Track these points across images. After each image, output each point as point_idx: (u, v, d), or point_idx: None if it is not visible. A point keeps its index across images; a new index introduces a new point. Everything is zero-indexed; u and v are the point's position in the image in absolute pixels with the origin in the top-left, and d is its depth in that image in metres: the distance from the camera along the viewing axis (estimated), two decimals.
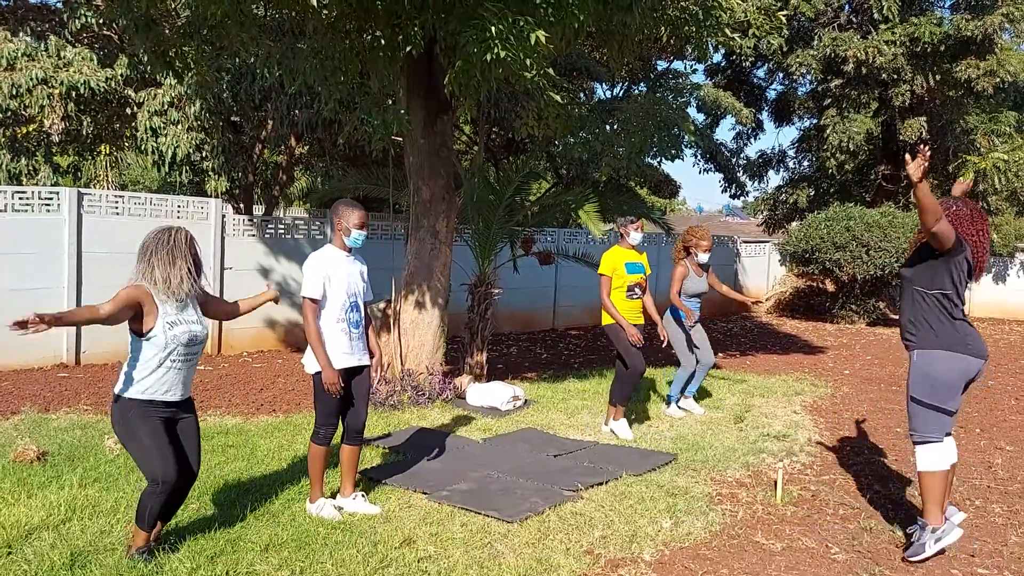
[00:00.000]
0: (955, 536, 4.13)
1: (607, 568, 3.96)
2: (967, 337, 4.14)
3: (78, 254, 8.96)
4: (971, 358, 4.12)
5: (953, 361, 4.11)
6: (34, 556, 3.77)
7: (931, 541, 4.09)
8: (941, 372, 4.12)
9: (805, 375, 9.95)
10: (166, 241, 3.76)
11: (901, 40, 16.55)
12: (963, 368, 4.12)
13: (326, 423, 4.51)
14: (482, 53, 5.45)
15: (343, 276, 4.54)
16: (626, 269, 6.52)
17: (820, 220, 16.38)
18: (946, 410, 4.13)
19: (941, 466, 4.12)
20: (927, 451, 4.15)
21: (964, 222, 4.15)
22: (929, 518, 4.13)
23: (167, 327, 3.73)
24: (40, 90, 10.37)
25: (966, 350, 4.12)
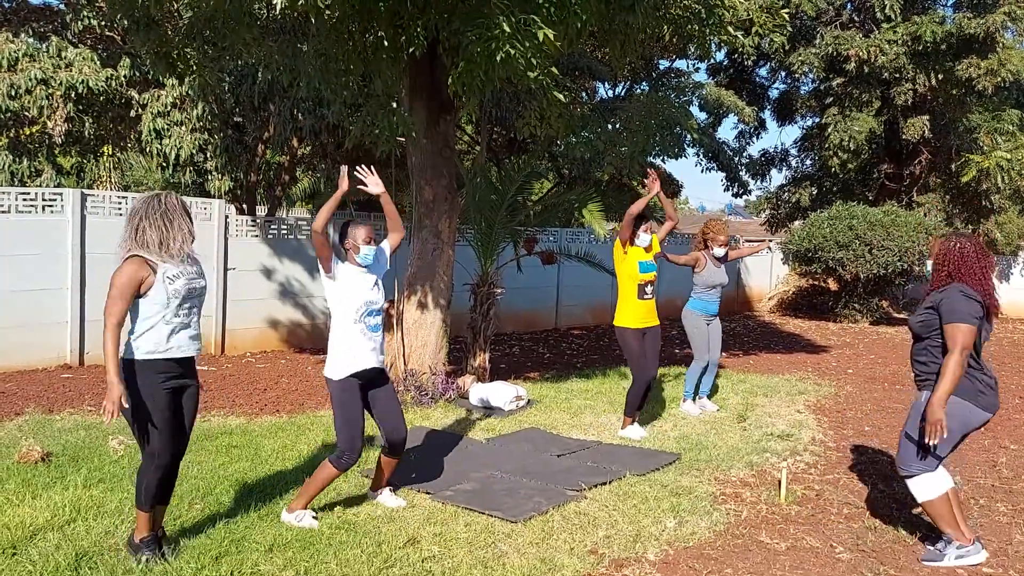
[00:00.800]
0: (980, 558, 4.08)
1: (611, 568, 3.96)
2: (981, 389, 4.05)
3: (82, 255, 8.97)
4: (978, 410, 4.03)
5: (960, 412, 4.00)
6: (39, 557, 3.78)
7: (952, 555, 4.07)
8: (953, 421, 3.96)
9: (808, 374, 9.94)
10: (158, 205, 3.71)
11: (903, 39, 16.54)
12: (968, 418, 4.03)
13: (351, 448, 4.35)
14: (487, 52, 5.44)
15: (359, 284, 4.54)
16: (639, 268, 6.49)
17: (823, 219, 16.36)
18: (938, 455, 4.08)
19: (938, 491, 4.08)
20: (918, 483, 4.13)
21: (972, 265, 4.03)
22: (954, 538, 4.09)
23: (168, 281, 3.67)
24: (39, 90, 10.39)
25: (976, 402, 4.02)
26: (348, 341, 4.45)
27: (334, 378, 4.44)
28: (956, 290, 3.99)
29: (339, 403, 4.42)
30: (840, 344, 13.30)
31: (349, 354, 4.44)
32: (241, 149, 11.79)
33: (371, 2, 6.17)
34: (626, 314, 6.49)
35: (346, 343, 4.45)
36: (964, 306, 3.92)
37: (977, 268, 4.02)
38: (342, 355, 4.44)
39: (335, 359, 4.46)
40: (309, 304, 11.18)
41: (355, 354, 4.44)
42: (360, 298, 4.50)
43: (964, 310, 3.91)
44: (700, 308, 7.38)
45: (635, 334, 6.47)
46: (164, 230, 3.68)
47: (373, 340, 4.52)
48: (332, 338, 4.50)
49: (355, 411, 4.43)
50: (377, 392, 4.57)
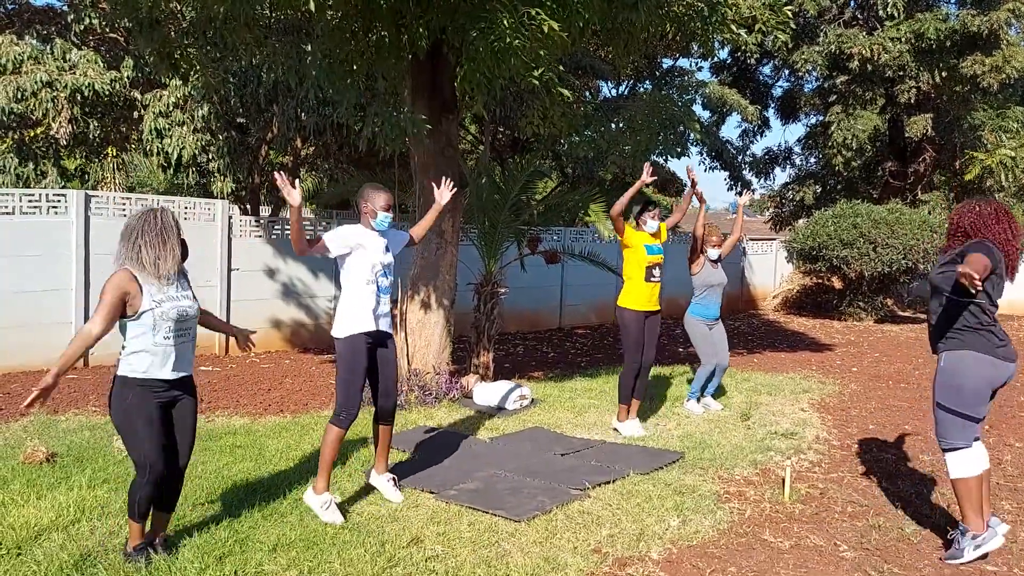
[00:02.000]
0: (997, 543, 4.06)
1: (615, 567, 3.96)
2: (998, 342, 4.03)
3: (86, 256, 9.00)
4: (1000, 362, 4.01)
5: (981, 365, 4.00)
6: (44, 557, 3.79)
7: (970, 547, 4.05)
8: (969, 376, 4.00)
9: (813, 373, 9.93)
10: (154, 223, 3.72)
11: (906, 36, 16.50)
12: (991, 372, 4.01)
13: (348, 406, 4.49)
14: (491, 47, 5.44)
15: (372, 245, 4.62)
16: (646, 250, 6.48)
17: (827, 217, 16.32)
18: (972, 416, 4.03)
19: (973, 471, 4.04)
20: (956, 458, 4.07)
21: (989, 222, 4.03)
22: (969, 524, 4.08)
23: (154, 305, 3.69)
24: (45, 93, 10.42)
25: (995, 353, 4.00)
26: (359, 302, 4.53)
27: (340, 336, 4.53)
28: (980, 242, 3.97)
29: (343, 361, 4.52)
30: (844, 342, 13.28)
31: (358, 314, 4.52)
32: (244, 150, 11.81)
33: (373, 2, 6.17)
34: (631, 295, 6.48)
35: (356, 303, 4.53)
36: (987, 250, 3.90)
37: (995, 225, 4.01)
38: (350, 314, 4.53)
39: (343, 318, 4.55)
40: (312, 304, 11.19)
41: (364, 315, 4.52)
42: (374, 258, 4.58)
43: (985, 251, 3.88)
44: (701, 314, 7.37)
45: (637, 317, 6.47)
46: (158, 248, 3.69)
47: (383, 303, 4.60)
48: (342, 300, 4.59)
49: (357, 370, 4.50)
50: (380, 356, 4.66)
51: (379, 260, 4.61)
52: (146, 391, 3.72)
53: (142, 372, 3.71)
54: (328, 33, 6.41)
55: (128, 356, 3.72)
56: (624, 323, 6.53)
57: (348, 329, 4.54)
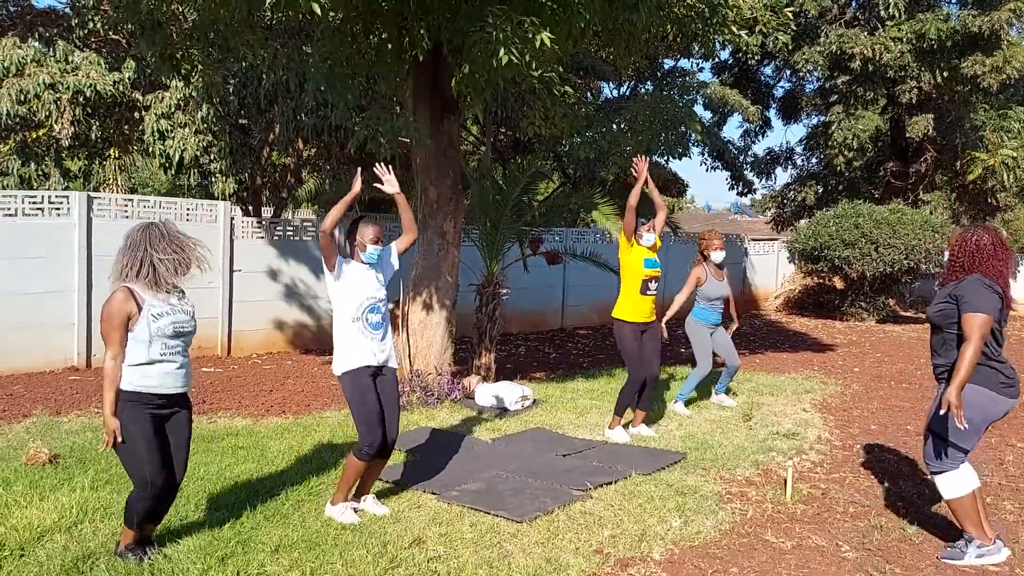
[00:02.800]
0: (1002, 557, 4.08)
1: (617, 567, 3.96)
2: (1004, 379, 4.03)
3: (88, 257, 9.00)
4: (1001, 398, 4.00)
5: (982, 401, 3.98)
6: (47, 558, 3.80)
7: (973, 555, 4.08)
8: (968, 411, 3.95)
9: (814, 373, 9.92)
10: (161, 234, 3.75)
11: (908, 36, 16.49)
12: (990, 408, 4.01)
13: (371, 441, 4.40)
14: (488, 56, 5.45)
15: (362, 281, 4.58)
16: (644, 264, 6.48)
17: (829, 217, 16.32)
18: (962, 448, 4.07)
19: (964, 491, 4.06)
20: (945, 480, 4.11)
21: (985, 253, 4.01)
22: (976, 537, 4.10)
23: (152, 319, 3.69)
24: (48, 95, 10.43)
25: (998, 390, 4.00)
26: (349, 338, 4.50)
27: (340, 372, 4.51)
28: (976, 280, 3.97)
29: (353, 397, 4.47)
30: (846, 343, 13.27)
31: (353, 350, 4.49)
32: (246, 151, 11.82)
33: (375, 4, 6.18)
34: (625, 307, 6.49)
35: (347, 340, 4.50)
36: (983, 296, 3.90)
37: (994, 259, 4.00)
38: (345, 350, 4.51)
39: (339, 355, 4.53)
40: (315, 305, 11.20)
41: (356, 351, 4.48)
42: (361, 294, 4.54)
43: (983, 300, 3.90)
44: (703, 318, 7.47)
45: (632, 329, 6.46)
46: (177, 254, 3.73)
47: (374, 339, 4.53)
48: (335, 336, 4.56)
49: (368, 403, 4.45)
50: (381, 388, 4.58)
51: (368, 295, 4.55)
52: (140, 406, 3.72)
53: (138, 386, 3.72)
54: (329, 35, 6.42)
55: (125, 370, 3.72)
56: (619, 335, 6.53)
57: (346, 365, 4.49)
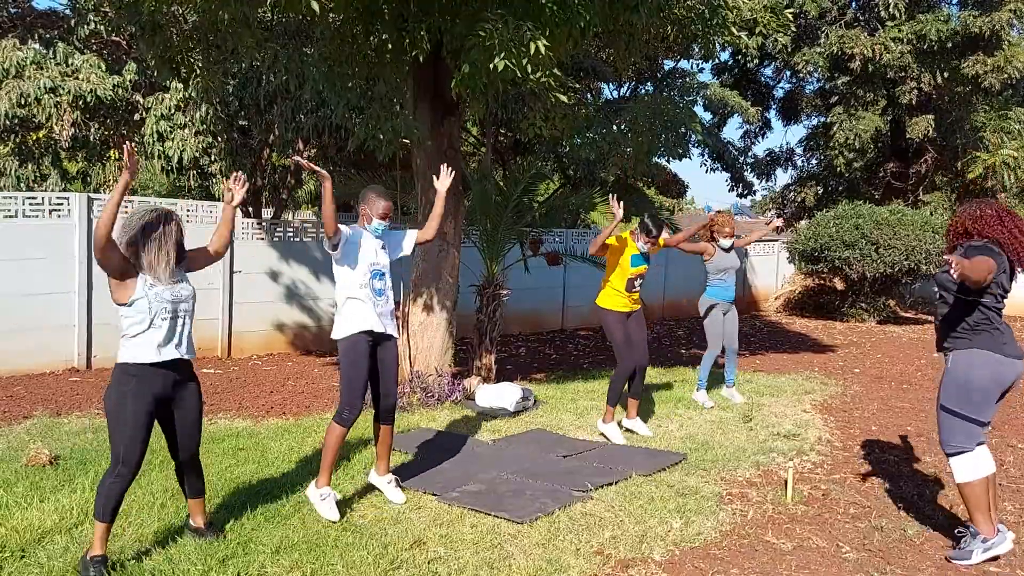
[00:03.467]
0: (1007, 547, 4.06)
1: (617, 568, 3.96)
2: (1003, 339, 4.00)
3: (88, 259, 9.00)
4: (1007, 359, 3.97)
5: (988, 362, 3.97)
6: (47, 559, 3.80)
7: (980, 549, 4.04)
8: (976, 375, 3.97)
9: (815, 374, 9.92)
10: (154, 226, 3.79)
11: (908, 37, 16.52)
12: (998, 370, 3.97)
13: (351, 404, 4.50)
14: (486, 60, 5.46)
15: (365, 245, 4.66)
16: (630, 261, 6.46)
17: (829, 218, 16.32)
18: (977, 420, 4.02)
19: (978, 475, 4.03)
20: (961, 462, 4.06)
21: (992, 224, 3.99)
22: (980, 528, 4.06)
23: (148, 287, 3.75)
24: (48, 99, 10.43)
25: (1002, 351, 3.97)
26: (355, 303, 4.54)
27: (340, 337, 4.54)
28: (985, 244, 3.95)
29: (345, 361, 4.53)
30: (847, 343, 13.27)
31: (356, 314, 4.54)
32: (246, 152, 11.82)
33: (375, 5, 6.18)
34: (611, 299, 6.49)
35: (352, 304, 4.54)
36: (991, 252, 3.88)
37: (997, 224, 3.97)
38: (347, 315, 4.55)
39: (341, 320, 4.57)
40: (315, 306, 11.20)
41: (362, 314, 4.54)
42: (364, 260, 4.60)
43: (990, 253, 3.87)
44: (716, 295, 7.61)
45: (618, 317, 6.44)
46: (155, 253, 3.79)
47: (378, 305, 4.60)
48: (339, 304, 4.60)
49: (359, 367, 4.51)
50: (381, 355, 4.66)
51: (371, 261, 4.63)
52: (144, 382, 3.72)
53: (138, 358, 3.73)
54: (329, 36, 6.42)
55: (126, 343, 3.76)
56: (607, 325, 6.50)
57: (347, 329, 4.55)
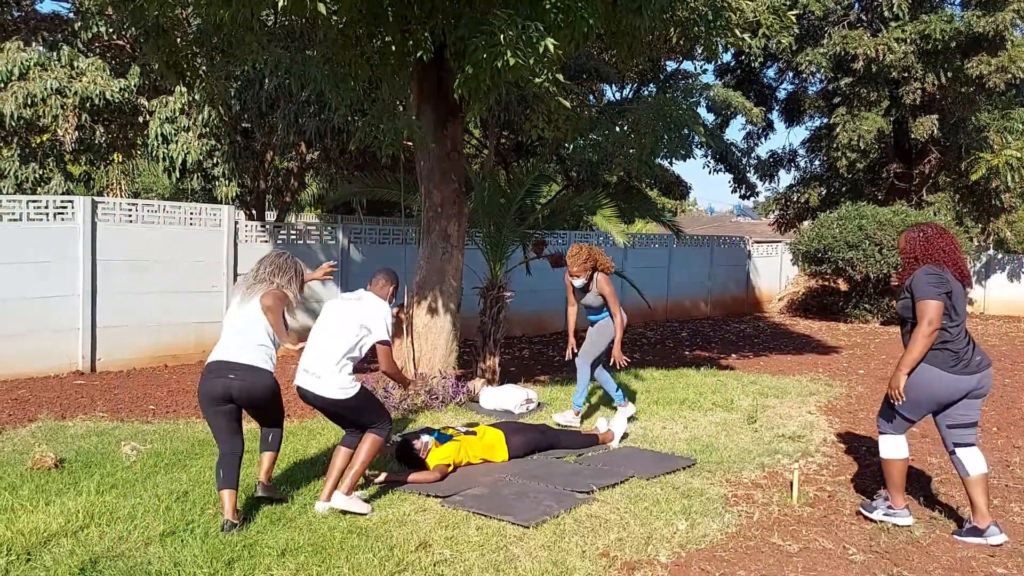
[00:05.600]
0: (904, 521, 4.57)
1: (623, 570, 3.95)
2: (952, 360, 4.33)
3: (92, 262, 9.02)
4: (949, 375, 4.32)
5: (932, 379, 4.34)
6: (53, 562, 3.80)
7: (881, 512, 4.64)
8: (917, 387, 4.37)
9: (819, 375, 9.91)
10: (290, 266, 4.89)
11: (911, 37, 16.50)
12: (937, 386, 4.34)
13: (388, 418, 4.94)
14: (492, 59, 5.45)
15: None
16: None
17: (832, 219, 16.31)
18: (908, 418, 4.51)
19: (897, 455, 4.57)
20: (886, 441, 4.60)
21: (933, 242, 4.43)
22: (891, 499, 4.63)
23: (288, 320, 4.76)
24: (54, 100, 10.45)
25: (947, 368, 4.33)
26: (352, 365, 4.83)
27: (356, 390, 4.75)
28: (921, 271, 4.36)
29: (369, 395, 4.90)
30: (851, 344, 13.25)
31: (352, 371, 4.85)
32: (249, 155, 11.84)
33: (378, 7, 6.18)
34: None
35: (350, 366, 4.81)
36: (929, 284, 4.29)
37: (941, 246, 4.42)
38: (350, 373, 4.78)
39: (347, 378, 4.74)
40: (318, 309, 11.18)
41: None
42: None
43: (929, 288, 4.28)
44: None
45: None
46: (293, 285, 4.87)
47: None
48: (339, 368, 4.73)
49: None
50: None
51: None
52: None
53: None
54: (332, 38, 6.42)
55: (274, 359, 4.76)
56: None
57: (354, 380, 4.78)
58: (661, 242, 16.60)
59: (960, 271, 4.39)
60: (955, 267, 4.38)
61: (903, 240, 4.56)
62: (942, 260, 4.37)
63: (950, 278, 4.33)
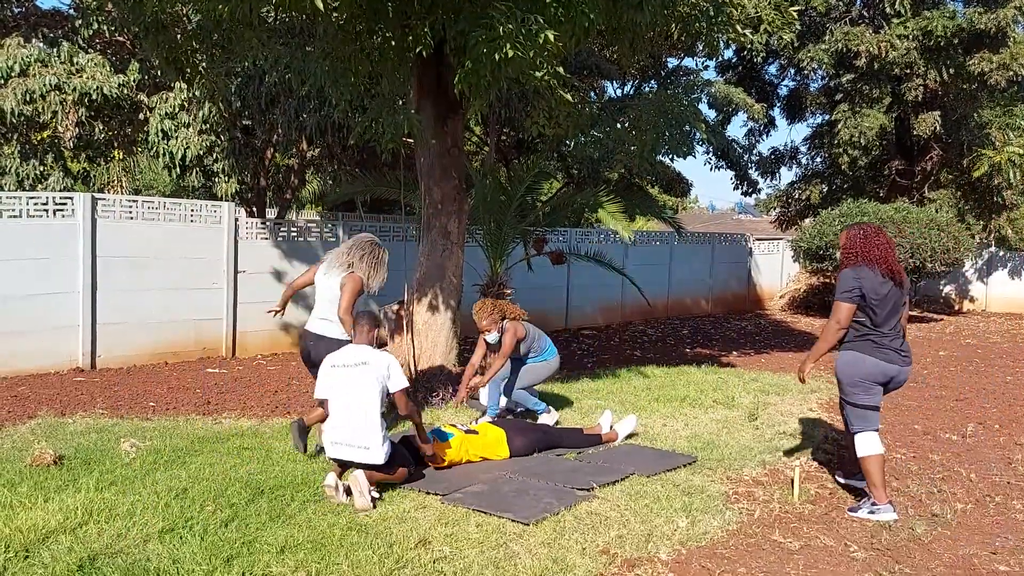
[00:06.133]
0: (888, 517, 4.64)
1: (623, 568, 3.94)
2: (874, 347, 4.75)
3: (92, 258, 9.00)
4: (872, 360, 4.73)
5: (856, 360, 4.76)
6: (51, 559, 3.78)
7: (866, 510, 4.71)
8: (845, 370, 4.80)
9: (821, 373, 9.85)
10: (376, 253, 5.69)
11: (914, 34, 16.45)
12: (862, 365, 4.74)
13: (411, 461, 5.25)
14: (492, 53, 5.43)
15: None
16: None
17: (834, 216, 16.27)
18: (861, 404, 4.78)
19: (874, 451, 4.73)
20: (861, 439, 4.79)
21: (871, 240, 4.77)
22: (873, 495, 4.72)
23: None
24: (53, 96, 10.43)
25: (870, 352, 4.74)
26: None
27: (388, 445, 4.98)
28: (844, 273, 4.76)
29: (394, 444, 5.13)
30: None
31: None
32: (249, 152, 11.81)
33: (378, 2, 6.16)
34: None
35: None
36: (844, 287, 4.71)
37: (878, 244, 4.75)
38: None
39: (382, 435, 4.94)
40: None
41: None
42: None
43: (842, 290, 4.71)
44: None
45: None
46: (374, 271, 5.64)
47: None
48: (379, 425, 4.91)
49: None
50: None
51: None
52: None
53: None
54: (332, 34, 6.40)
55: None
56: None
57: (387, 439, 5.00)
58: (662, 239, 16.57)
59: (891, 270, 4.71)
60: (886, 266, 4.69)
61: (844, 237, 4.88)
62: (877, 258, 4.70)
63: (878, 276, 4.66)
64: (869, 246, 4.73)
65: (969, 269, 19.62)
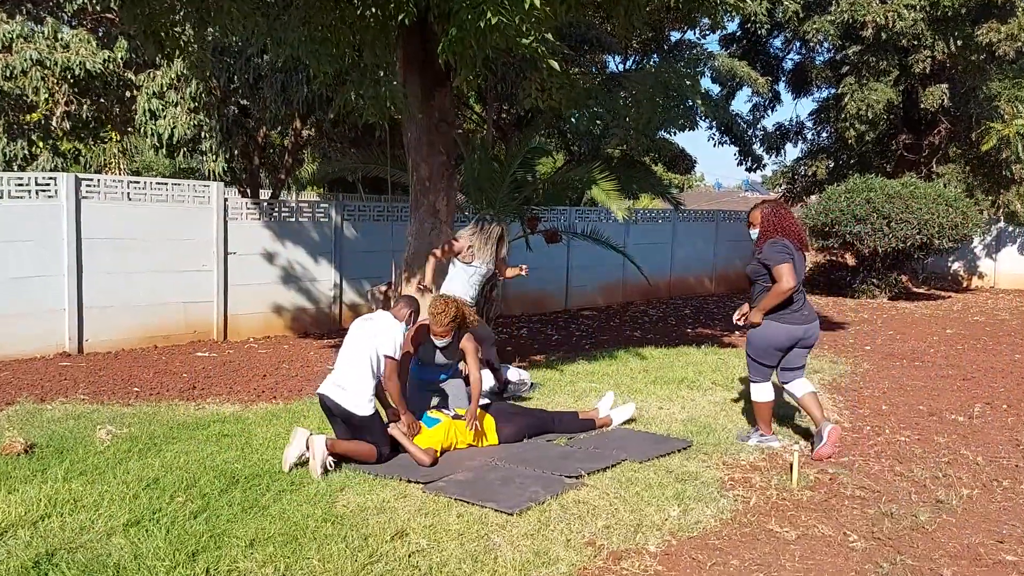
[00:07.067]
0: (774, 444, 5.54)
1: (609, 561, 3.74)
2: (787, 313, 5.30)
3: (77, 240, 8.80)
4: (782, 326, 5.31)
5: (771, 328, 5.33)
6: (6, 555, 3.60)
7: (755, 439, 5.59)
8: (759, 335, 5.40)
9: (824, 352, 9.63)
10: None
11: (921, 4, 16.05)
12: (773, 333, 5.34)
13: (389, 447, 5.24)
14: (476, 19, 5.17)
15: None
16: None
17: (840, 192, 15.95)
18: (762, 363, 5.46)
19: (765, 399, 5.53)
20: (755, 388, 5.55)
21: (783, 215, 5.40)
22: (761, 430, 5.62)
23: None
24: (35, 71, 10.18)
25: (785, 320, 5.31)
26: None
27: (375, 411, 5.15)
28: (769, 244, 5.29)
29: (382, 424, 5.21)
30: (857, 320, 12.98)
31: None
32: (241, 131, 11.56)
33: None
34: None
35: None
36: (779, 253, 5.23)
37: (789, 219, 5.40)
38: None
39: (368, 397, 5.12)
40: (313, 288, 10.99)
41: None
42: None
43: (782, 256, 5.22)
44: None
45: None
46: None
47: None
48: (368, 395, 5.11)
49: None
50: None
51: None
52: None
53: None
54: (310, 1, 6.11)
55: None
56: None
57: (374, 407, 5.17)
58: (665, 217, 16.29)
59: (800, 240, 5.37)
60: (796, 237, 5.34)
61: (759, 215, 5.41)
62: (789, 230, 5.32)
63: (792, 246, 5.27)
64: (785, 221, 5.35)
65: (977, 245, 19.30)
